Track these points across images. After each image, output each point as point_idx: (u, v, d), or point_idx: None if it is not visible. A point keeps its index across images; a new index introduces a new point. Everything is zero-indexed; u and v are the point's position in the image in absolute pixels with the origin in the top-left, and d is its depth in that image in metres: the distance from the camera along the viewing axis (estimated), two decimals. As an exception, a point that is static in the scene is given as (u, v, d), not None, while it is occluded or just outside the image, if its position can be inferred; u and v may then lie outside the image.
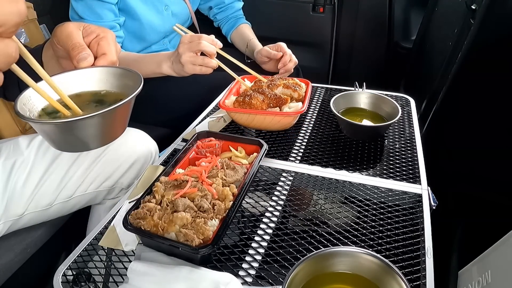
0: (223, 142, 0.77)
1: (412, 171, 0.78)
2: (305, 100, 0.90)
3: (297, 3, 1.78)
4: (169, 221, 0.56)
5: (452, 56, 1.14)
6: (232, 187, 0.63)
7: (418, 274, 0.55)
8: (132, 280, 0.53)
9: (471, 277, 0.82)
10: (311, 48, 1.87)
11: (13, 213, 0.76)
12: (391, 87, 1.71)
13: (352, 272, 0.50)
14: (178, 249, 0.53)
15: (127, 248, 0.61)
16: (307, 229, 0.64)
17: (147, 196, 0.62)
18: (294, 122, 0.90)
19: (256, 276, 0.56)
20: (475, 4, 1.03)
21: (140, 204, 0.60)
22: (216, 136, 0.78)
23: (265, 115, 0.86)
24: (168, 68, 0.99)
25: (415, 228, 0.63)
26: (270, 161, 0.81)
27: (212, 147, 0.76)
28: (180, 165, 0.71)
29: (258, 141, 0.75)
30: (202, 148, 0.76)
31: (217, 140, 0.77)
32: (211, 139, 0.77)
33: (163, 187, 0.63)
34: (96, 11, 1.05)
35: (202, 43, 0.89)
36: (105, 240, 0.63)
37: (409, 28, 1.80)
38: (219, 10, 1.36)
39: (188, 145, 0.75)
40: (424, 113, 1.28)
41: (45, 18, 1.25)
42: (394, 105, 0.88)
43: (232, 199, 0.61)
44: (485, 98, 1.14)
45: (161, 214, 0.58)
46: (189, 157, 0.74)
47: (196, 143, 0.76)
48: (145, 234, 0.56)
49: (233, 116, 0.91)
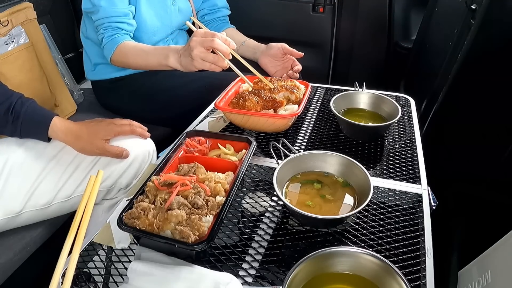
0: (212, 140, 0.78)
1: (412, 171, 0.78)
2: (301, 103, 0.90)
3: (297, 3, 1.78)
4: (164, 219, 0.57)
5: (452, 56, 1.14)
6: (223, 183, 0.64)
7: (418, 274, 0.55)
8: (132, 280, 0.53)
9: (471, 277, 0.82)
10: (311, 48, 1.86)
11: (10, 210, 0.77)
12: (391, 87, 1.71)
13: (352, 273, 0.50)
14: (174, 246, 0.54)
15: (119, 246, 0.61)
16: (307, 229, 0.64)
17: (140, 196, 0.62)
18: (290, 123, 0.90)
19: (256, 276, 0.56)
20: (475, 4, 1.03)
21: (133, 204, 0.60)
22: (205, 135, 0.79)
23: (259, 116, 0.86)
24: (175, 61, 0.96)
25: (415, 228, 0.63)
26: (270, 161, 0.81)
27: (201, 145, 0.77)
28: (169, 165, 0.71)
29: (246, 138, 0.76)
30: (191, 147, 0.76)
31: (205, 139, 0.78)
32: (200, 138, 0.78)
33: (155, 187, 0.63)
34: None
35: (215, 41, 0.88)
36: (100, 236, 0.63)
37: (409, 28, 1.80)
38: (209, 11, 1.36)
39: (177, 143, 0.75)
40: (424, 113, 1.28)
41: (45, 18, 1.25)
42: (394, 105, 0.88)
43: (224, 195, 0.62)
44: (485, 98, 1.14)
45: (155, 212, 0.58)
46: (178, 156, 0.74)
47: (185, 141, 0.77)
48: (141, 233, 0.56)
49: (229, 117, 0.91)
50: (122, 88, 1.23)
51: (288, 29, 1.83)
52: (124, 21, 1.08)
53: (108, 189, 0.89)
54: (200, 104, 1.05)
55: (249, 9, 1.82)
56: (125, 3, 1.09)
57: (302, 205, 0.65)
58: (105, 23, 1.08)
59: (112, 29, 1.08)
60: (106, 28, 1.08)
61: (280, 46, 1.19)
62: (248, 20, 1.44)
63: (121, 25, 1.08)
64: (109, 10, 1.06)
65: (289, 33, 1.83)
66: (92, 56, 1.24)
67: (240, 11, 1.66)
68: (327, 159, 0.71)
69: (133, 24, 1.12)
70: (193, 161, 0.70)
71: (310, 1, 1.75)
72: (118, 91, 1.24)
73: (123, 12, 1.08)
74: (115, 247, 0.61)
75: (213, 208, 0.59)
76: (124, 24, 1.09)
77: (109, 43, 1.08)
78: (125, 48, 1.07)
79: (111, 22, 1.07)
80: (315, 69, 1.90)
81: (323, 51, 1.86)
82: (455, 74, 1.12)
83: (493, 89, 1.11)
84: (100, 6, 1.06)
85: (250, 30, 1.43)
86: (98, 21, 1.09)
